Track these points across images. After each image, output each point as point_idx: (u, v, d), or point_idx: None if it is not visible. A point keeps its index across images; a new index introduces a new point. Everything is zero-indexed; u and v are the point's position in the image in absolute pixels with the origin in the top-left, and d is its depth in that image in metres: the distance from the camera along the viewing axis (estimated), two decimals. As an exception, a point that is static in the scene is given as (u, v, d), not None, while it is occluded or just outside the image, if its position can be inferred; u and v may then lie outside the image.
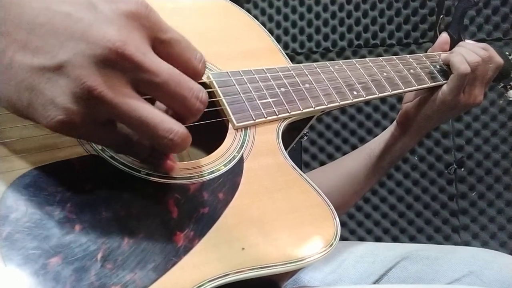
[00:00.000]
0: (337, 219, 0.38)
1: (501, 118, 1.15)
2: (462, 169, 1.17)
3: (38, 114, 0.28)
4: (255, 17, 1.33)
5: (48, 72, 0.27)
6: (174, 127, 0.29)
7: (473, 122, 1.16)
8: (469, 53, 0.60)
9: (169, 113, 0.31)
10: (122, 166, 0.34)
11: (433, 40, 0.68)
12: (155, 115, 0.29)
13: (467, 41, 0.66)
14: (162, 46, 0.30)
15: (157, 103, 0.32)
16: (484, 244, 1.15)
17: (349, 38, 1.22)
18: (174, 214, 0.33)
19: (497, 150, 1.15)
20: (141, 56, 0.28)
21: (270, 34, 0.53)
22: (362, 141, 1.19)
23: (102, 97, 0.27)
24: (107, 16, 0.28)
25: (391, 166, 0.71)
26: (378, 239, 1.21)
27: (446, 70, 0.62)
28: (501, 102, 1.15)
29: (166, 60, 0.30)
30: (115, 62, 0.27)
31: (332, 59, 1.23)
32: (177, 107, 0.31)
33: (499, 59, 0.64)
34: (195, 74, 0.32)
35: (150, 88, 0.29)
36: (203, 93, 0.31)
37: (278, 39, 1.25)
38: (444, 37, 0.66)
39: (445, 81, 0.61)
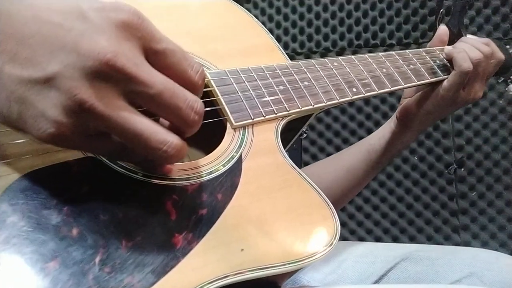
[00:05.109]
0: (337, 218, 0.37)
1: (501, 118, 1.15)
2: (462, 169, 1.16)
3: (28, 126, 0.27)
4: (255, 17, 1.32)
5: (38, 84, 0.26)
6: (168, 139, 0.29)
7: (473, 122, 1.16)
8: (472, 49, 0.59)
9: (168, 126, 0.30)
10: (119, 168, 0.33)
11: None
12: (148, 126, 0.28)
13: (469, 36, 0.65)
14: (156, 56, 0.29)
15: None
16: (484, 244, 1.15)
17: (349, 38, 1.22)
18: (172, 216, 0.33)
19: (497, 150, 1.15)
20: (133, 68, 0.27)
21: (268, 31, 0.52)
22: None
23: (94, 110, 0.26)
24: (98, 26, 0.27)
25: (390, 161, 0.71)
26: (378, 239, 1.21)
27: (446, 65, 0.61)
28: (501, 102, 1.15)
29: (160, 71, 0.29)
30: (106, 74, 0.27)
31: (332, 59, 1.23)
32: (172, 119, 0.30)
33: (500, 55, 0.63)
34: (192, 85, 0.31)
35: (143, 99, 0.29)
36: (198, 104, 0.30)
37: (278, 39, 1.25)
38: (442, 29, 0.65)
39: (445, 76, 0.60)
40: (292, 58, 1.30)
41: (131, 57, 0.27)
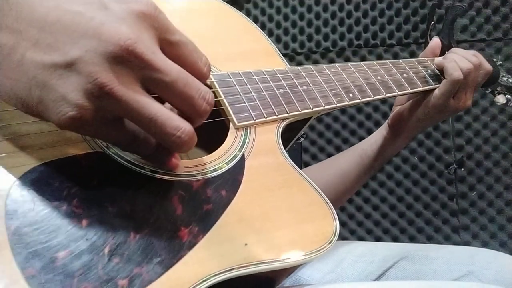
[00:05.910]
0: (336, 216, 0.39)
1: (501, 118, 1.15)
2: (462, 169, 1.17)
3: (48, 110, 0.28)
4: (255, 17, 1.32)
5: (59, 69, 0.27)
6: (182, 125, 0.30)
7: (473, 122, 1.17)
8: (462, 59, 0.62)
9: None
10: (127, 163, 0.34)
11: (425, 45, 0.70)
12: (164, 112, 0.29)
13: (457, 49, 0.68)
14: (170, 47, 0.31)
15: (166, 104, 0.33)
16: (484, 244, 1.15)
17: (349, 38, 1.23)
18: (178, 211, 0.34)
19: (497, 150, 1.16)
20: (151, 55, 0.29)
21: (267, 37, 0.54)
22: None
23: (114, 94, 0.27)
24: (118, 15, 0.28)
25: (381, 166, 0.74)
26: (378, 239, 1.21)
27: (438, 74, 0.64)
28: (501, 102, 1.15)
29: (173, 61, 0.30)
30: (126, 60, 0.28)
31: (332, 59, 1.24)
32: (185, 107, 0.31)
33: (488, 66, 0.66)
34: (200, 76, 0.32)
35: (159, 87, 0.30)
36: (210, 95, 0.32)
37: (278, 39, 1.26)
38: (435, 41, 0.68)
39: (437, 85, 0.62)
40: (292, 58, 1.31)
41: (149, 45, 0.29)
